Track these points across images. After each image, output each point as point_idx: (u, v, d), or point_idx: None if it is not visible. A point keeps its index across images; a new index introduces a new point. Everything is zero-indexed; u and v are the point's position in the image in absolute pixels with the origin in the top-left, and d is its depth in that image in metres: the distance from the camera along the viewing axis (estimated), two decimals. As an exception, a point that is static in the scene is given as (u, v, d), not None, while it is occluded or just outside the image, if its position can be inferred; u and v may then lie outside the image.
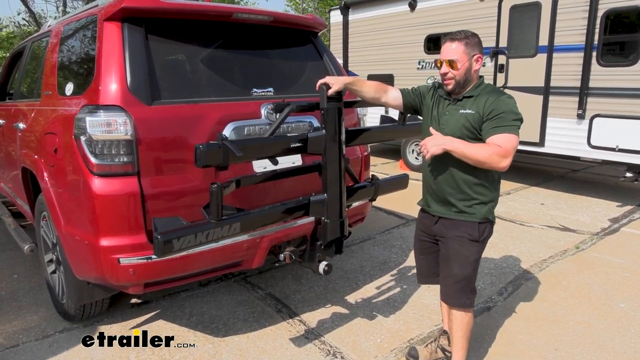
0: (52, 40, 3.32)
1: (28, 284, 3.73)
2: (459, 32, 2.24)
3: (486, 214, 2.29)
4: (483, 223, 2.29)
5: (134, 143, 2.38)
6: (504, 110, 2.12)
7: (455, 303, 2.39)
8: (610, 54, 5.55)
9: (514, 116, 2.13)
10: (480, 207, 2.28)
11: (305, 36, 3.38)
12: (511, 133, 2.10)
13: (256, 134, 2.76)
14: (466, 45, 2.20)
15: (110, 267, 2.42)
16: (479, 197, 2.27)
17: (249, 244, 2.71)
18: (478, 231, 2.28)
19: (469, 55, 2.20)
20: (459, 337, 2.41)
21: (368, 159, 3.57)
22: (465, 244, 2.30)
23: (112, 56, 2.46)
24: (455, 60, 2.20)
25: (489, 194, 2.29)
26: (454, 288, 2.36)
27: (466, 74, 2.23)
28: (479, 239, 2.29)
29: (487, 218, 2.30)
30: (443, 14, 7.12)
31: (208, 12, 2.76)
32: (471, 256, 2.31)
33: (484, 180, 2.26)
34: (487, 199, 2.29)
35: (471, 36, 2.22)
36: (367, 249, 4.41)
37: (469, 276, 2.34)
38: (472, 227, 2.28)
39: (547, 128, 6.11)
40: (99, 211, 2.37)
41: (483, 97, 2.21)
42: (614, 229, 4.93)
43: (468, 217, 2.29)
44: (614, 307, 3.30)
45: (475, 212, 2.28)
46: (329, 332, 3.00)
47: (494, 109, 2.14)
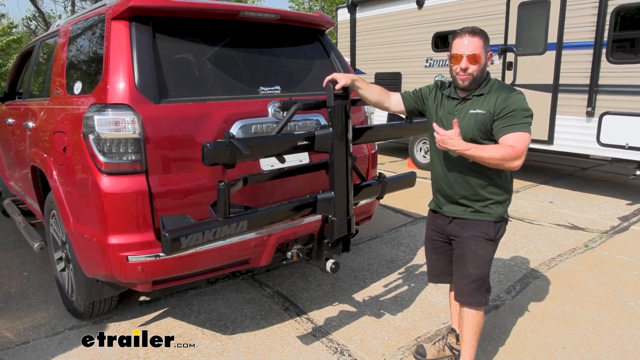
0: (60, 39, 3.35)
1: (38, 281, 3.77)
2: (474, 27, 2.21)
3: (502, 213, 2.29)
4: (498, 222, 2.30)
5: (141, 141, 2.40)
6: (515, 108, 2.10)
7: (472, 302, 2.37)
8: (620, 50, 5.49)
9: (525, 113, 2.11)
10: (495, 206, 2.28)
11: (313, 34, 3.37)
12: (523, 131, 2.09)
13: (263, 132, 2.76)
14: (485, 41, 2.18)
15: (119, 265, 2.44)
16: (494, 197, 2.27)
17: (257, 241, 2.72)
18: (494, 230, 2.28)
19: (486, 51, 2.19)
20: (470, 336, 2.40)
21: (375, 157, 3.56)
22: (481, 243, 2.29)
23: (120, 55, 2.47)
24: (478, 54, 2.16)
25: (504, 194, 2.29)
26: (471, 287, 2.34)
27: (483, 70, 2.21)
28: (494, 237, 2.29)
29: (502, 217, 2.30)
30: (451, 11, 7.09)
31: (215, 10, 2.77)
32: (487, 255, 2.31)
33: (498, 181, 2.25)
34: (502, 198, 2.29)
35: (482, 32, 2.20)
36: (374, 247, 4.41)
37: (484, 275, 2.33)
38: (488, 227, 2.28)
39: (556, 126, 6.07)
40: (107, 209, 2.39)
41: (493, 95, 2.18)
42: (624, 227, 4.89)
43: (484, 217, 2.28)
44: (623, 305, 3.27)
45: (492, 212, 2.27)
46: (336, 330, 3.00)
47: (505, 107, 2.12)
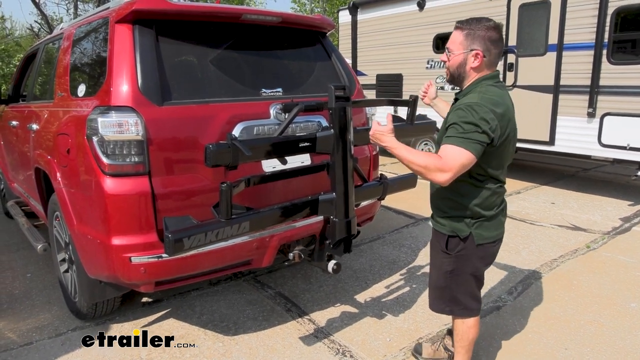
0: (64, 42, 3.37)
1: (41, 282, 3.79)
2: (471, 20, 2.05)
3: (457, 228, 2.15)
4: (453, 237, 2.17)
5: (145, 143, 2.42)
6: (456, 121, 1.93)
7: (434, 309, 2.41)
8: (621, 51, 5.50)
9: (468, 127, 1.89)
10: (449, 220, 2.18)
11: (314, 36, 3.39)
12: (459, 146, 1.88)
13: (265, 133, 2.78)
14: (465, 37, 2.03)
15: (122, 266, 2.45)
16: (449, 212, 2.18)
17: (259, 243, 2.73)
18: (445, 244, 2.20)
19: (465, 48, 2.03)
20: (456, 342, 2.41)
21: (377, 159, 3.57)
22: (437, 253, 2.28)
23: (124, 58, 2.49)
24: (449, 49, 2.09)
25: (462, 210, 2.13)
26: (431, 295, 2.40)
27: (459, 69, 2.08)
28: (447, 251, 2.20)
29: (456, 233, 2.15)
30: (452, 13, 7.10)
31: (217, 13, 2.79)
32: (442, 267, 2.26)
33: (452, 196, 2.13)
34: (458, 214, 2.14)
35: (479, 27, 2.01)
36: (376, 249, 4.42)
37: (442, 287, 2.29)
38: (442, 239, 2.22)
39: (557, 127, 6.07)
40: (110, 210, 2.41)
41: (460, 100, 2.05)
42: (626, 228, 4.89)
43: (439, 228, 2.24)
44: (625, 306, 3.27)
45: (446, 225, 2.19)
46: (338, 331, 3.01)
47: (451, 117, 1.99)
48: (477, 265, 2.23)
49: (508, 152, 2.08)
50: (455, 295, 2.28)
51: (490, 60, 2.06)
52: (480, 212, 2.11)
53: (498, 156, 2.03)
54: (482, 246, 2.17)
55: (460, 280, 2.24)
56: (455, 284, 2.26)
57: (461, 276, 2.24)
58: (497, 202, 2.16)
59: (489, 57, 2.04)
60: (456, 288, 2.26)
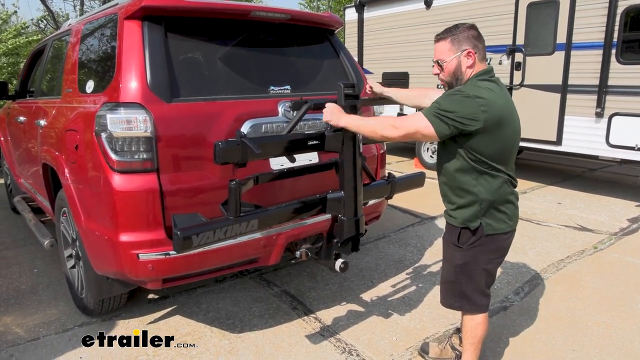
0: (72, 38, 3.37)
1: (48, 278, 3.80)
2: (447, 29, 2.14)
3: (467, 218, 2.16)
4: (464, 229, 2.18)
5: (153, 140, 2.41)
6: (437, 100, 2.02)
7: (443, 303, 2.42)
8: (630, 51, 5.45)
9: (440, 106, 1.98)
10: (459, 211, 2.18)
11: (322, 34, 3.38)
12: (424, 115, 1.99)
13: (273, 131, 2.77)
14: (452, 42, 2.10)
15: (130, 263, 2.45)
16: (458, 201, 2.18)
17: (266, 241, 2.73)
18: (457, 236, 2.21)
19: (456, 51, 2.10)
20: (465, 340, 2.41)
21: (384, 157, 3.56)
22: (448, 247, 2.30)
23: (132, 54, 2.48)
24: (441, 58, 2.14)
25: (468, 200, 2.14)
26: (442, 288, 2.41)
27: (455, 73, 2.13)
28: (457, 243, 2.22)
29: (467, 224, 2.16)
30: (459, 11, 7.06)
31: (226, 10, 2.78)
32: (453, 260, 2.27)
33: (460, 185, 2.15)
34: (465, 202, 2.15)
35: (460, 31, 2.10)
36: (382, 247, 4.41)
37: (452, 280, 2.30)
38: (453, 231, 2.24)
39: (565, 126, 6.04)
40: (118, 207, 2.40)
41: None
42: (633, 229, 4.86)
43: (451, 221, 2.25)
44: (633, 308, 3.25)
45: (457, 216, 2.20)
46: (344, 330, 3.01)
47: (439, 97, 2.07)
48: (488, 257, 2.23)
49: (507, 139, 2.06)
50: (463, 290, 2.29)
51: (480, 55, 2.14)
52: (488, 201, 2.12)
53: (495, 141, 2.02)
54: (493, 237, 2.18)
55: (471, 274, 2.26)
56: (465, 279, 2.27)
57: (472, 270, 2.25)
58: (505, 193, 2.15)
59: (479, 53, 2.13)
60: (465, 283, 2.28)
